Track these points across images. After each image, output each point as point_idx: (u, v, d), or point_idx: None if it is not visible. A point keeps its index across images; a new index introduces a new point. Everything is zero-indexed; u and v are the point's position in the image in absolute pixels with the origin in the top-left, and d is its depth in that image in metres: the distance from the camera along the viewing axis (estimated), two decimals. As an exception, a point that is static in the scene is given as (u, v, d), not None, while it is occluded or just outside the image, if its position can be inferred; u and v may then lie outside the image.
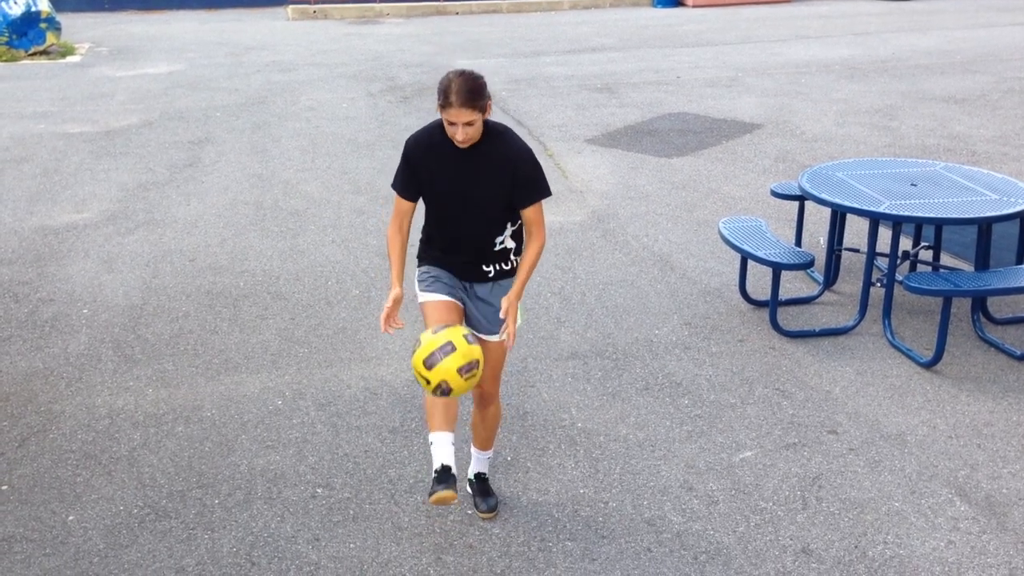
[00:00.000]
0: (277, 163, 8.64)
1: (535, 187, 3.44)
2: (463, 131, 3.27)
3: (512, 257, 3.57)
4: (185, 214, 7.32)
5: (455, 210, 3.46)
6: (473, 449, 3.94)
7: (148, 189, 7.92)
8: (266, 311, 5.68)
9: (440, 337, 3.23)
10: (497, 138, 3.41)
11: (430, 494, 3.34)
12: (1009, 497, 3.95)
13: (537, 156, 3.50)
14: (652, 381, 4.86)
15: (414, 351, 3.27)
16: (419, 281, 3.59)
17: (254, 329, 5.45)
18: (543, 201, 3.49)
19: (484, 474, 3.94)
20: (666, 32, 16.29)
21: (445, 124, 3.31)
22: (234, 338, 5.35)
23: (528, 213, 3.46)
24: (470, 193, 3.42)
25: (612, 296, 5.84)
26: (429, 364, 3.21)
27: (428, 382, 3.23)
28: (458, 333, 3.26)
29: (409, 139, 3.49)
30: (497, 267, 3.55)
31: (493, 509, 3.84)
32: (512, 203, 3.45)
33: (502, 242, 3.52)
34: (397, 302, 3.43)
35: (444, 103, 3.25)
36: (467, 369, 3.22)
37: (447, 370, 3.19)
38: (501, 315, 3.41)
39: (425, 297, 3.56)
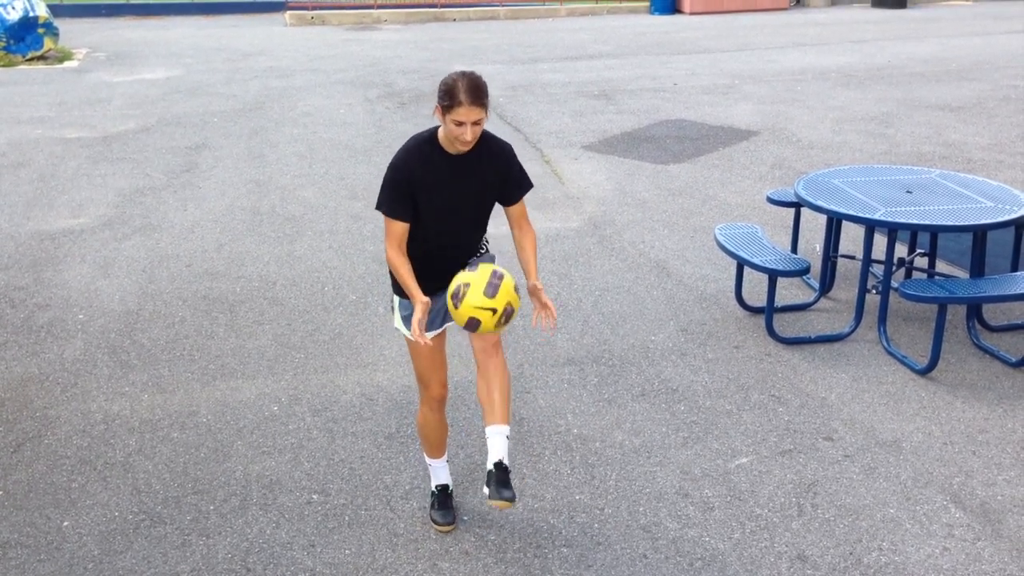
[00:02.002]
0: (274, 169, 8.65)
1: (524, 181, 3.54)
2: (472, 131, 3.22)
3: (484, 244, 3.62)
4: (182, 219, 7.32)
5: (452, 221, 3.41)
6: (489, 428, 3.41)
7: (145, 194, 7.92)
8: (262, 316, 5.68)
9: (482, 273, 3.24)
10: (480, 140, 3.40)
11: (431, 517, 3.82)
12: (1004, 504, 3.95)
13: (534, 163, 3.52)
14: (648, 387, 4.87)
15: (463, 296, 3.21)
16: (403, 318, 3.57)
17: (250, 335, 5.45)
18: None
19: (505, 463, 3.36)
20: (663, 39, 16.33)
21: (451, 127, 3.21)
22: (230, 343, 5.34)
23: (517, 209, 3.53)
24: (467, 199, 3.40)
25: (608, 302, 5.85)
26: (491, 292, 3.20)
27: (494, 311, 3.20)
28: (489, 274, 3.25)
29: (396, 160, 3.35)
30: (478, 254, 3.59)
31: (511, 499, 3.30)
32: (503, 200, 3.50)
33: (485, 240, 3.60)
34: (427, 309, 3.30)
35: (451, 103, 3.17)
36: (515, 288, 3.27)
37: (508, 291, 3.22)
38: (538, 295, 3.39)
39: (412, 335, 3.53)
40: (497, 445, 3.37)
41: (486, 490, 3.34)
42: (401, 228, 3.37)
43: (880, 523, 3.84)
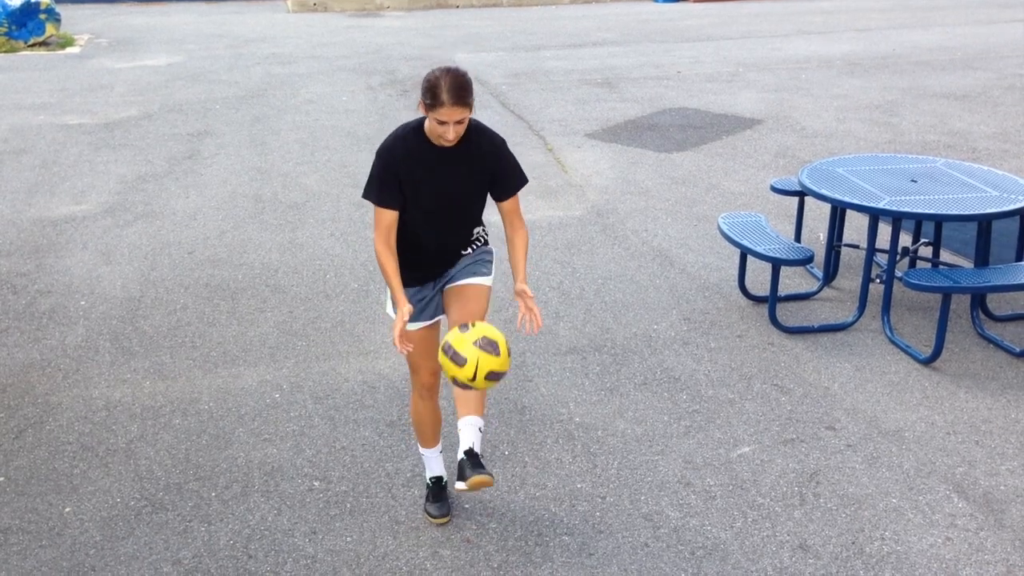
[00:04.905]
0: (276, 156, 8.63)
1: (516, 176, 3.44)
2: (455, 130, 3.20)
3: (480, 231, 3.57)
4: (184, 207, 7.31)
5: (442, 214, 3.39)
6: (462, 419, 3.29)
7: (147, 181, 7.91)
8: (264, 304, 5.67)
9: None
10: (471, 132, 3.35)
11: (426, 510, 3.76)
12: (1007, 494, 3.94)
13: (537, 151, 3.49)
14: (650, 376, 4.86)
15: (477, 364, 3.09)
16: (394, 306, 3.49)
17: (252, 322, 5.44)
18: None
19: (476, 451, 3.28)
20: (667, 27, 16.26)
21: (433, 124, 3.21)
22: (232, 331, 5.34)
23: (509, 205, 3.44)
24: (456, 193, 3.37)
25: (611, 291, 5.84)
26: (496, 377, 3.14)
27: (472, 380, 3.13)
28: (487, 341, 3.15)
29: (382, 149, 3.35)
30: (472, 247, 3.56)
31: (488, 475, 3.20)
32: (494, 196, 3.44)
33: (478, 230, 3.56)
34: (408, 314, 3.28)
35: (434, 103, 3.15)
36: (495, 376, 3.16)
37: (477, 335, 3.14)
38: (524, 299, 3.31)
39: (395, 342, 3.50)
40: (468, 435, 3.26)
41: (459, 484, 3.22)
42: (390, 217, 3.34)
43: (882, 513, 3.83)
